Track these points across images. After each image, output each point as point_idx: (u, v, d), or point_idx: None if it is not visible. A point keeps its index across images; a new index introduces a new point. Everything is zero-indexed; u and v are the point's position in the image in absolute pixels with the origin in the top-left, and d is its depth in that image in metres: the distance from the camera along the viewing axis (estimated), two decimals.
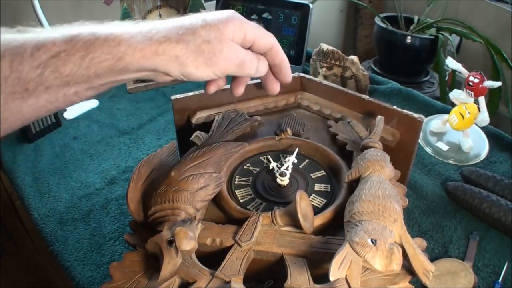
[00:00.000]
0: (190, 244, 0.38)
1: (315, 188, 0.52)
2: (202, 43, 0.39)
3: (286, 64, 0.47)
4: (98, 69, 0.35)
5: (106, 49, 0.35)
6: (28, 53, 0.33)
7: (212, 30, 0.39)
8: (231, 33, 0.40)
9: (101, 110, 1.00)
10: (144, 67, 0.37)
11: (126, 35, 0.36)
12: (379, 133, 0.55)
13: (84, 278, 0.62)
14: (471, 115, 0.79)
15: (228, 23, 0.40)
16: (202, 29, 0.39)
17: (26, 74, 0.33)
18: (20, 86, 0.33)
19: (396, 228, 0.40)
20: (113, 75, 0.37)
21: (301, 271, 0.39)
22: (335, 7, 2.16)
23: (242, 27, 0.41)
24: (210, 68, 0.40)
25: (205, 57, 0.39)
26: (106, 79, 0.37)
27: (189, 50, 0.38)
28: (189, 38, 0.38)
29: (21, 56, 0.33)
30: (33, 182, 0.79)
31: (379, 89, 1.03)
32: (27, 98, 0.34)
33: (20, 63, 0.33)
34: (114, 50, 0.35)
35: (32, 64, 0.33)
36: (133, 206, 0.46)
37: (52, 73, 0.34)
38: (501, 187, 0.71)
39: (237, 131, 0.58)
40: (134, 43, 0.36)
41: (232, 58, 0.41)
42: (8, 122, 0.35)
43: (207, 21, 0.40)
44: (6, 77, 0.32)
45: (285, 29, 1.05)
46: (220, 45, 0.39)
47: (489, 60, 1.41)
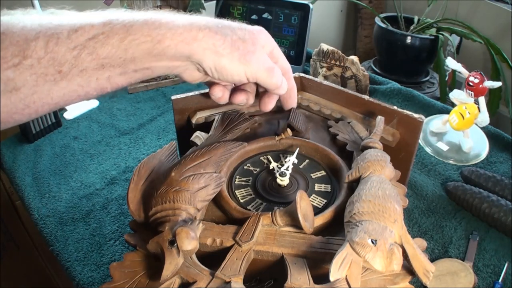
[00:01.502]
0: (192, 244, 0.38)
1: (315, 188, 0.52)
2: (238, 40, 0.40)
3: (295, 91, 0.50)
4: (135, 51, 0.35)
5: (146, 31, 0.35)
6: (65, 35, 0.33)
7: (247, 32, 0.41)
8: (263, 41, 0.42)
9: (101, 110, 1.00)
10: (181, 53, 0.38)
11: (166, 19, 0.36)
12: (379, 133, 0.55)
13: (84, 278, 0.62)
14: (471, 115, 0.79)
15: (261, 33, 0.43)
16: (239, 29, 0.41)
17: (62, 55, 0.33)
18: (53, 68, 0.33)
19: (396, 228, 0.40)
20: (149, 60, 0.37)
21: (301, 271, 0.39)
22: (335, 7, 2.16)
23: (272, 42, 0.44)
24: (243, 65, 0.41)
25: (240, 53, 0.40)
26: (141, 64, 0.37)
27: (227, 42, 0.39)
28: (228, 32, 0.39)
29: (57, 38, 0.32)
30: (33, 182, 0.79)
31: (379, 89, 1.03)
32: (59, 81, 0.34)
33: (56, 44, 0.32)
34: (154, 33, 0.35)
35: (69, 46, 0.33)
36: (134, 206, 0.46)
37: (89, 55, 0.34)
38: (501, 187, 0.71)
39: (237, 131, 0.58)
40: (174, 27, 0.36)
41: (263, 61, 0.42)
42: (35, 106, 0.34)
43: (242, 25, 0.42)
44: (40, 58, 0.32)
45: (285, 29, 1.05)
46: (253, 46, 0.41)
47: (489, 60, 1.41)
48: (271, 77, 0.44)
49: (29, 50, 0.32)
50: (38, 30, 0.32)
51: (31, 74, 0.32)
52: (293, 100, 0.51)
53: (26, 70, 0.32)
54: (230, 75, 0.41)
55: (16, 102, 0.33)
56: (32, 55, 0.32)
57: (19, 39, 0.32)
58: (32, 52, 0.32)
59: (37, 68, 0.32)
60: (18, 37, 0.32)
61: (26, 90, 0.33)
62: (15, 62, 0.31)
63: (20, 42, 0.32)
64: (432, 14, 1.71)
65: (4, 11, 0.34)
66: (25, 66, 0.32)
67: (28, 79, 0.32)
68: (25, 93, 0.33)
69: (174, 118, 0.64)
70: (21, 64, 0.32)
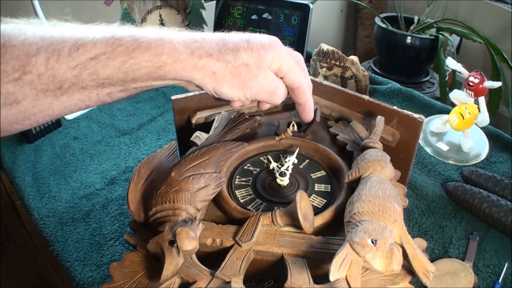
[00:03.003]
0: (192, 244, 0.38)
1: (315, 188, 0.52)
2: (240, 66, 0.39)
3: (310, 105, 0.47)
4: (136, 74, 0.35)
5: (147, 56, 0.35)
6: (66, 52, 0.32)
7: (253, 55, 0.39)
8: (270, 60, 0.41)
9: (101, 110, 1.00)
10: (181, 78, 0.38)
11: (169, 44, 0.36)
12: (379, 133, 0.55)
13: (84, 278, 0.62)
14: (471, 115, 0.79)
15: (270, 50, 0.40)
16: (244, 51, 0.39)
17: (63, 73, 0.32)
18: (54, 85, 0.33)
19: (396, 228, 0.40)
20: (149, 81, 0.37)
21: (301, 271, 0.39)
22: (335, 7, 2.16)
23: (281, 57, 0.41)
24: (242, 91, 0.40)
25: (240, 79, 0.39)
26: (141, 83, 0.37)
27: (227, 70, 0.39)
28: (230, 58, 0.38)
29: (58, 54, 0.32)
30: (33, 182, 0.79)
31: (379, 89, 1.03)
32: (59, 96, 0.34)
33: (57, 61, 0.32)
34: (156, 59, 0.35)
35: (70, 64, 0.32)
36: (134, 206, 0.46)
37: (89, 75, 0.33)
38: (501, 187, 0.71)
39: (237, 131, 0.58)
40: (176, 54, 0.36)
41: (265, 86, 0.41)
42: (35, 117, 0.34)
43: (250, 43, 0.40)
44: (40, 74, 0.32)
45: (285, 29, 1.05)
46: (257, 71, 0.40)
47: (489, 60, 1.41)
48: (271, 99, 0.43)
49: (30, 66, 0.31)
50: (39, 44, 0.32)
51: (32, 89, 0.32)
52: (308, 114, 0.48)
53: (26, 85, 0.32)
54: (231, 98, 0.41)
55: (16, 114, 0.33)
56: (32, 71, 0.32)
57: (20, 53, 0.31)
58: (33, 67, 0.32)
59: (37, 83, 0.32)
60: (19, 50, 0.31)
61: (27, 103, 0.33)
62: (16, 77, 0.31)
63: (21, 57, 0.31)
64: (432, 14, 1.71)
65: (7, 19, 0.34)
66: (25, 81, 0.32)
67: (28, 93, 0.32)
68: (26, 106, 0.33)
69: (174, 118, 0.64)
70: (21, 79, 0.31)
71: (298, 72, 0.43)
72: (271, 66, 0.41)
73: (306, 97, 0.46)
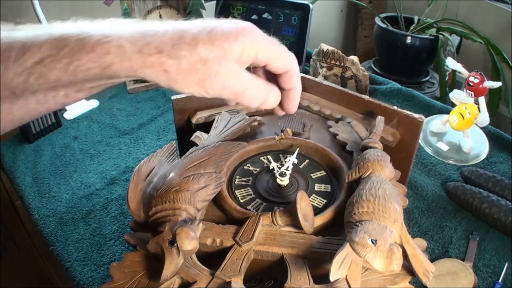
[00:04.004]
0: (192, 244, 0.38)
1: (315, 188, 0.52)
2: (197, 62, 0.34)
3: (296, 94, 0.42)
4: (85, 75, 0.33)
5: (92, 57, 0.33)
6: (12, 58, 0.31)
7: (214, 49, 0.34)
8: (238, 53, 0.35)
9: (101, 110, 1.00)
10: (134, 75, 0.35)
11: (115, 42, 0.33)
12: (379, 133, 0.55)
13: (84, 278, 0.62)
14: (471, 115, 0.79)
15: (238, 40, 0.35)
16: (203, 45, 0.34)
17: (11, 80, 0.32)
18: (6, 90, 0.32)
19: (396, 228, 0.40)
20: (103, 80, 0.35)
21: (301, 271, 0.39)
22: (335, 7, 2.16)
23: (254, 46, 0.36)
24: (202, 89, 0.36)
25: (198, 77, 0.35)
26: (97, 83, 0.35)
27: (181, 67, 0.34)
28: (184, 53, 0.34)
29: (6, 61, 0.31)
30: (33, 182, 0.79)
31: (379, 89, 1.03)
32: (15, 101, 0.33)
33: (5, 68, 0.31)
34: (101, 59, 0.33)
35: (16, 70, 0.31)
36: (134, 206, 0.46)
37: (37, 79, 0.32)
38: (501, 187, 0.71)
39: (237, 131, 0.58)
40: (122, 53, 0.33)
41: (229, 85, 0.36)
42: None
43: (212, 34, 0.34)
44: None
45: (285, 29, 1.05)
46: (218, 66, 0.35)
47: (489, 60, 1.41)
48: (240, 99, 0.37)
49: None
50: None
51: None
52: (291, 103, 0.42)
53: None
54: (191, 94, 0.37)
55: None
56: None
57: None
58: None
59: None
60: None
61: None
62: None
63: None
64: (432, 14, 1.71)
65: None
66: None
67: None
68: None
69: (174, 118, 0.64)
70: None
71: (281, 57, 0.38)
72: (242, 59, 0.35)
73: (293, 82, 0.40)
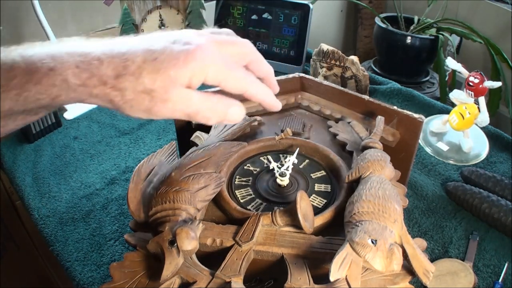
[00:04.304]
0: (192, 244, 0.38)
1: (315, 188, 0.52)
2: (142, 92, 0.33)
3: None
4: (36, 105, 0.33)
5: (39, 89, 0.32)
6: None
7: (159, 77, 0.33)
8: (186, 79, 0.34)
9: (101, 110, 1.00)
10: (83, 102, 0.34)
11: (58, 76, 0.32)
12: (379, 133, 0.55)
13: (84, 278, 0.62)
14: (471, 115, 0.79)
15: (186, 66, 0.33)
16: (147, 74, 0.33)
17: None
18: None
19: (396, 228, 0.40)
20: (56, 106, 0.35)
21: (301, 271, 0.39)
22: (335, 7, 2.16)
23: (203, 70, 0.34)
24: (150, 115, 0.35)
25: (144, 106, 0.34)
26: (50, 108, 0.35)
27: (126, 98, 0.33)
28: (127, 85, 0.33)
29: None
30: (33, 182, 0.79)
31: (379, 89, 1.03)
32: None
33: None
34: (48, 91, 0.32)
35: None
36: (134, 206, 0.46)
37: None
38: (501, 187, 0.71)
39: (237, 131, 0.58)
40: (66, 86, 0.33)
41: (179, 109, 0.35)
42: None
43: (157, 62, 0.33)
44: None
45: (285, 29, 1.05)
46: (166, 95, 0.34)
47: (489, 60, 1.41)
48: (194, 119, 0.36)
49: None
50: None
51: None
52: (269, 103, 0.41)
53: None
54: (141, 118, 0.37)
55: None
56: None
57: None
58: None
59: None
60: None
61: None
62: None
63: None
64: (432, 14, 1.71)
65: None
66: None
67: None
68: None
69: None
70: None
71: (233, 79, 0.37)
72: (192, 83, 0.34)
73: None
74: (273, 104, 0.42)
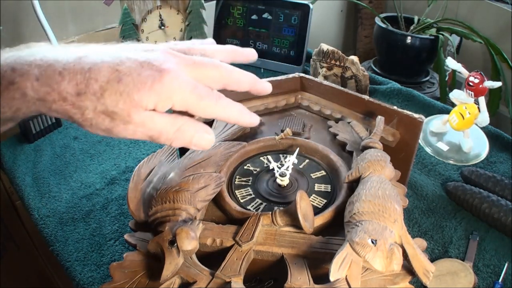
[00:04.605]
0: (192, 244, 0.38)
1: (315, 188, 0.52)
2: (103, 113, 0.32)
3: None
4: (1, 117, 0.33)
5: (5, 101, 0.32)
6: None
7: (122, 99, 0.31)
8: (151, 104, 0.32)
9: None
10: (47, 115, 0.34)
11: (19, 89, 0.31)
12: (379, 133, 0.55)
13: (84, 278, 0.62)
14: (471, 115, 0.79)
15: (151, 92, 0.32)
16: (109, 95, 0.31)
17: None
18: None
19: (396, 228, 0.40)
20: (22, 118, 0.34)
21: (301, 271, 0.39)
22: (335, 7, 2.16)
23: (169, 98, 0.33)
24: (110, 135, 0.34)
25: (105, 126, 0.33)
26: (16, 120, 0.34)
27: (85, 117, 0.32)
28: (88, 104, 0.32)
29: None
30: (33, 182, 0.79)
31: (379, 89, 1.03)
32: None
33: None
34: (9, 104, 0.32)
35: None
36: (134, 206, 0.46)
37: None
38: (501, 187, 0.71)
39: (237, 131, 0.58)
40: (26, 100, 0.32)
41: (141, 131, 0.34)
42: None
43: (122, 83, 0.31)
44: None
45: (285, 29, 1.05)
46: (127, 117, 0.32)
47: (489, 60, 1.41)
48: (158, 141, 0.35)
49: None
50: None
51: None
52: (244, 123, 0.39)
53: None
54: None
55: None
56: None
57: None
58: None
59: None
60: None
61: None
62: None
63: None
64: (432, 14, 1.71)
65: None
66: None
67: None
68: None
69: None
70: None
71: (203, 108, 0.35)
72: (158, 108, 0.33)
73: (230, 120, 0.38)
74: (248, 122, 0.39)
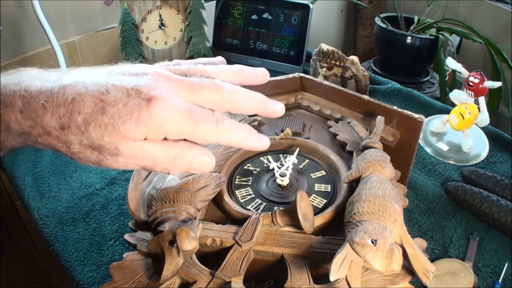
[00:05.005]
0: (192, 244, 0.38)
1: (315, 188, 0.52)
2: (89, 146, 0.30)
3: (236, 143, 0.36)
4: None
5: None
6: None
7: (107, 132, 0.30)
8: (140, 135, 0.30)
9: None
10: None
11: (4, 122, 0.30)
12: (379, 133, 0.55)
13: (84, 278, 0.62)
14: (471, 115, 0.79)
15: (140, 124, 0.30)
16: (94, 129, 0.29)
17: None
18: None
19: (396, 228, 0.40)
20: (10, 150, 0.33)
21: (301, 271, 0.39)
22: (335, 7, 2.16)
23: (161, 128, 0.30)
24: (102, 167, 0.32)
25: (93, 159, 0.31)
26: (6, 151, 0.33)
27: (72, 150, 0.31)
28: (72, 138, 0.30)
29: None
30: (33, 182, 0.79)
31: (379, 89, 1.03)
32: None
33: None
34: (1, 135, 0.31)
35: None
36: (134, 206, 0.46)
37: None
38: (501, 187, 0.71)
39: None
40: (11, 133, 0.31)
41: (133, 162, 0.32)
42: None
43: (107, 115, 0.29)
44: None
45: (285, 29, 1.05)
46: (115, 150, 0.30)
47: (489, 60, 1.41)
48: (152, 170, 0.33)
49: None
50: None
51: None
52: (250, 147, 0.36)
53: None
54: None
55: None
56: None
57: None
58: None
59: None
60: None
61: None
62: None
63: None
64: (432, 14, 1.71)
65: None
66: None
67: None
68: None
69: None
70: None
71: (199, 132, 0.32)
72: (149, 138, 0.31)
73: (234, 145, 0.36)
74: (256, 146, 0.36)
